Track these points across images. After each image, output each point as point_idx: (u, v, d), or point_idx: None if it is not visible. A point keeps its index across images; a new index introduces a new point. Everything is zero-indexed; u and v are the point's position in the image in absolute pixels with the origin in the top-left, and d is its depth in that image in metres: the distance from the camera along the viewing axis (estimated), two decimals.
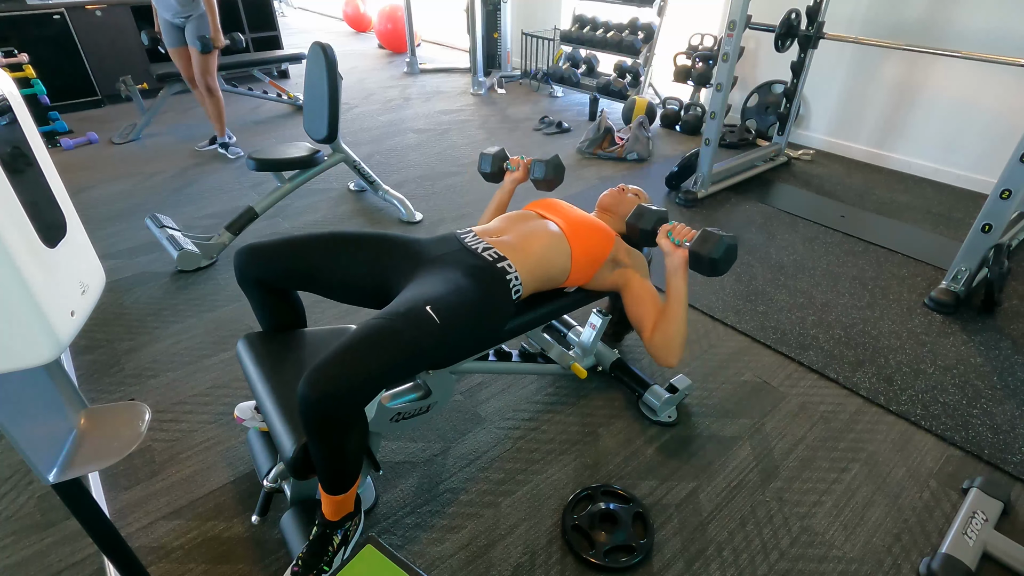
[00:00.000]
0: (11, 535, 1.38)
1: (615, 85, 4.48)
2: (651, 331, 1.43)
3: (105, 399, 1.80)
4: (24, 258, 0.62)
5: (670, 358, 1.42)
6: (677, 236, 1.41)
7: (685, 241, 1.39)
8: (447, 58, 6.40)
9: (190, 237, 2.52)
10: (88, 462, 0.80)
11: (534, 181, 1.79)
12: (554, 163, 1.77)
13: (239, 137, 4.01)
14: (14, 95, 0.68)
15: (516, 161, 1.82)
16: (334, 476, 1.12)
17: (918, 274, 2.49)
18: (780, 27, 3.09)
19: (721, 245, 1.32)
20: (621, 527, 1.39)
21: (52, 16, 4.13)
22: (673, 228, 1.43)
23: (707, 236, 1.34)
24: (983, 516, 1.40)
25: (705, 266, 1.35)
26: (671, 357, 1.42)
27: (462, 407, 1.78)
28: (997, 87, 3.10)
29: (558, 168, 1.78)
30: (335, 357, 1.01)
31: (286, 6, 10.04)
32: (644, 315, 1.47)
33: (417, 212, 2.95)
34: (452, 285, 1.24)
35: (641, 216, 1.53)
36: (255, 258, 1.30)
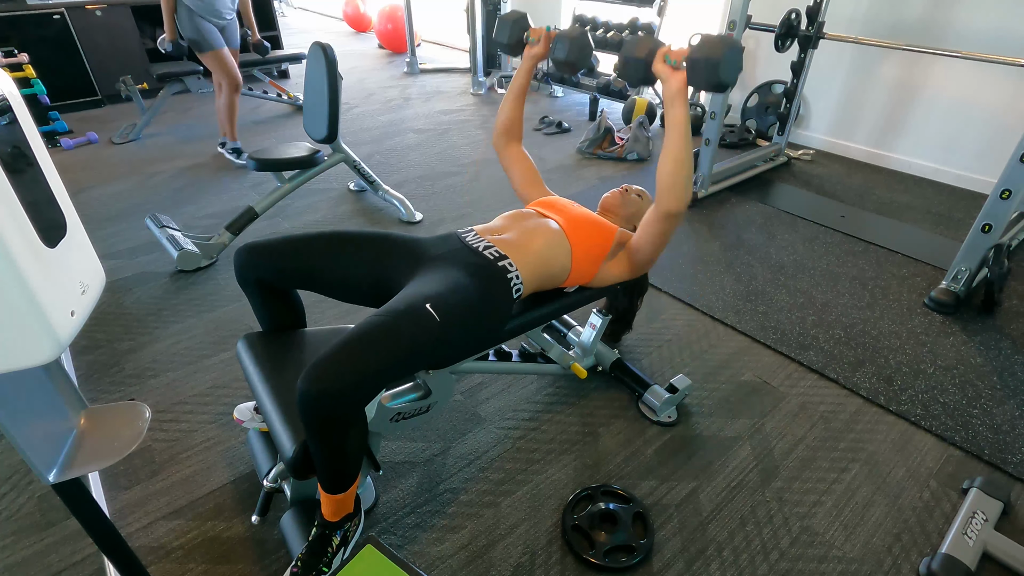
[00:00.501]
0: (11, 535, 1.38)
1: (615, 85, 4.48)
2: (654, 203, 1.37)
3: (105, 399, 1.80)
4: (24, 258, 0.62)
5: (675, 200, 1.32)
6: (674, 57, 1.28)
7: (683, 62, 1.26)
8: (447, 58, 6.40)
9: (190, 237, 2.52)
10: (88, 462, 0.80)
11: (554, 61, 1.54)
12: (580, 42, 1.49)
13: (239, 137, 4.00)
14: (14, 95, 0.68)
15: (538, 32, 1.57)
16: (334, 475, 1.12)
17: (918, 274, 2.49)
18: (780, 27, 3.09)
19: (722, 46, 1.19)
20: (621, 527, 1.39)
21: (52, 16, 4.12)
22: (670, 50, 1.30)
23: (705, 39, 1.22)
24: (983, 516, 1.40)
25: (706, 72, 1.21)
26: (677, 198, 1.32)
27: (462, 407, 1.78)
28: (997, 87, 3.10)
29: (584, 48, 1.50)
30: (334, 354, 1.01)
31: (286, 6, 10.04)
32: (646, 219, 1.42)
33: (417, 212, 2.95)
34: (452, 283, 1.24)
35: (634, 44, 1.35)
36: (255, 257, 1.30)
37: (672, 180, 1.32)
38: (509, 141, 1.71)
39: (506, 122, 1.69)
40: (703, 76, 1.23)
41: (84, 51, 4.34)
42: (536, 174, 1.73)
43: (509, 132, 1.70)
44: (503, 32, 1.61)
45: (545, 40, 1.57)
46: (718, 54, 1.19)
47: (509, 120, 1.69)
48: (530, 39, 1.59)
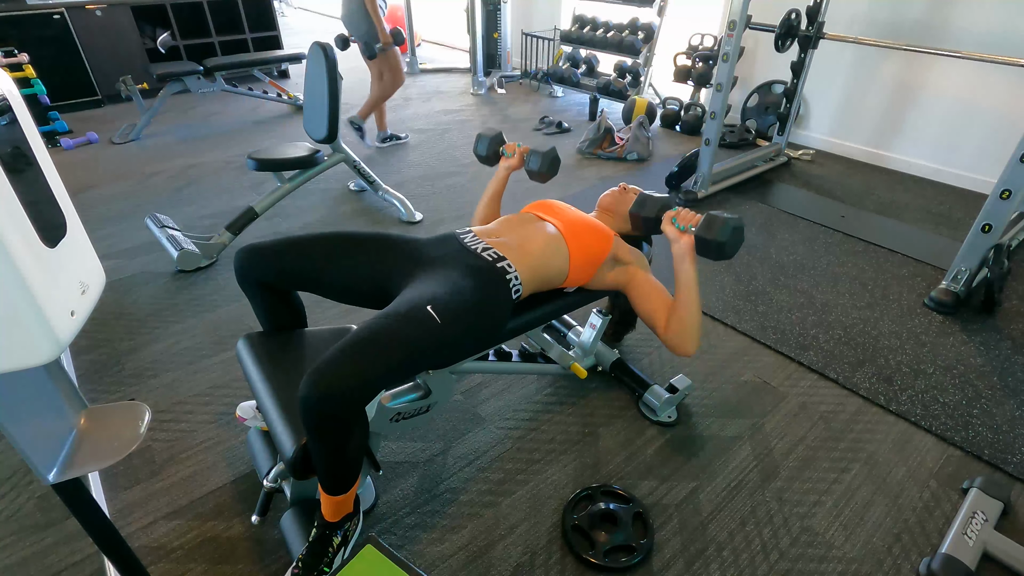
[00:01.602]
0: (11, 535, 1.38)
1: (615, 85, 4.48)
2: (665, 324, 1.41)
3: (105, 399, 1.80)
4: (24, 258, 0.62)
5: (688, 347, 1.39)
6: (682, 222, 1.39)
7: (691, 227, 1.37)
8: (447, 58, 6.39)
9: (190, 237, 2.52)
10: (88, 462, 0.80)
11: (528, 172, 1.75)
12: (550, 156, 1.73)
13: (239, 136, 4.01)
14: (14, 95, 0.68)
15: (512, 147, 1.79)
16: (334, 476, 1.12)
17: (918, 274, 2.49)
18: (780, 27, 3.09)
19: (727, 228, 1.29)
20: (621, 527, 1.39)
21: (52, 16, 4.13)
22: (677, 214, 1.41)
23: (712, 220, 1.32)
24: (983, 516, 1.40)
25: (712, 251, 1.32)
26: (689, 346, 1.39)
27: (462, 407, 1.78)
28: (997, 87, 3.10)
29: (554, 161, 1.74)
30: (336, 357, 1.01)
31: (286, 6, 10.04)
32: (654, 310, 1.45)
33: (417, 212, 2.95)
34: (452, 285, 1.24)
35: (644, 204, 1.50)
36: (255, 258, 1.30)
37: (683, 331, 1.39)
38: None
39: (482, 219, 1.81)
40: (710, 253, 1.34)
41: (84, 51, 4.34)
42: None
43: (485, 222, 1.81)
44: (482, 146, 1.80)
45: (519, 154, 1.78)
46: (723, 237, 1.29)
47: (485, 219, 1.81)
48: (505, 153, 1.80)
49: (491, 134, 1.81)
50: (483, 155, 1.82)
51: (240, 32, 5.16)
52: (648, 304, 1.47)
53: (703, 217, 1.36)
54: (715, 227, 1.31)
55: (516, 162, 1.78)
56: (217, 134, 4.08)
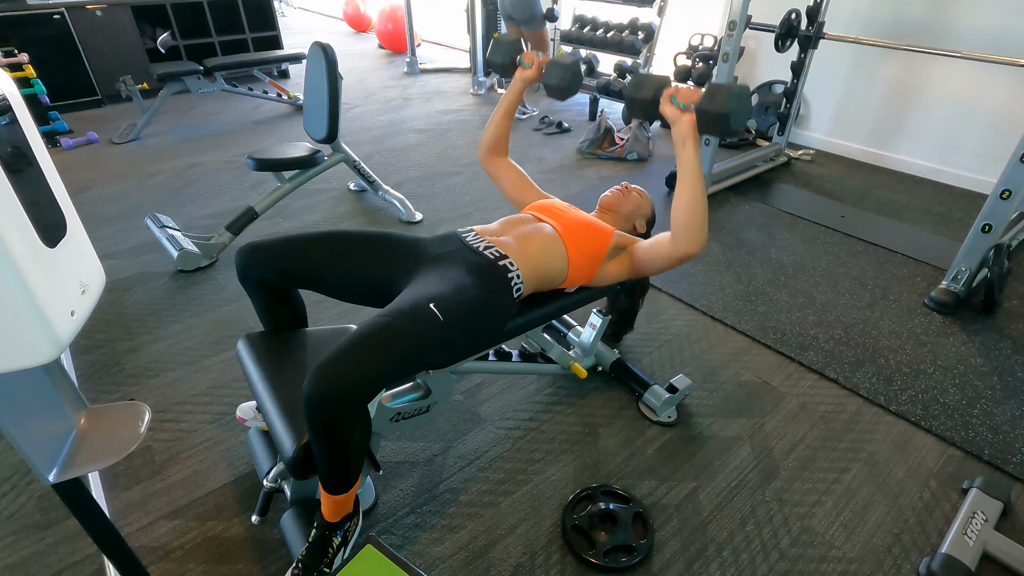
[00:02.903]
0: (11, 535, 1.38)
1: (615, 85, 4.47)
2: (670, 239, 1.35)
3: (105, 399, 1.80)
4: (24, 258, 0.62)
5: (692, 241, 1.31)
6: (682, 99, 1.27)
7: (691, 103, 1.26)
8: (447, 58, 6.39)
9: (190, 237, 2.52)
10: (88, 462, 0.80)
11: (546, 87, 1.58)
12: (572, 69, 1.53)
13: (239, 136, 4.01)
14: (14, 95, 0.68)
15: (531, 57, 1.61)
16: (335, 475, 1.12)
17: (918, 274, 2.49)
18: (780, 27, 3.09)
19: (732, 96, 1.18)
20: (621, 527, 1.39)
21: (52, 16, 4.12)
22: (676, 91, 1.29)
23: (714, 90, 1.21)
24: (983, 516, 1.40)
25: (717, 124, 1.21)
26: (694, 240, 1.31)
27: (462, 407, 1.78)
28: (997, 87, 3.10)
29: (575, 76, 1.54)
30: (339, 355, 1.01)
31: (286, 6, 10.04)
32: (659, 244, 1.41)
33: (417, 212, 2.95)
34: (454, 283, 1.24)
35: (640, 84, 1.34)
36: (256, 257, 1.30)
37: (688, 222, 1.30)
38: (495, 156, 1.73)
39: (492, 139, 1.70)
40: (714, 127, 1.23)
41: (84, 51, 4.34)
42: (527, 179, 1.74)
43: (495, 148, 1.72)
44: (497, 53, 1.65)
45: (537, 65, 1.60)
46: (728, 106, 1.18)
47: (495, 138, 1.70)
48: (523, 62, 1.62)
49: (508, 39, 1.64)
50: (498, 63, 1.66)
51: (240, 32, 5.15)
52: (653, 248, 1.43)
53: (704, 89, 1.24)
54: (719, 97, 1.19)
55: (533, 73, 1.61)
56: (217, 134, 4.08)
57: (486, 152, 1.73)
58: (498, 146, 1.72)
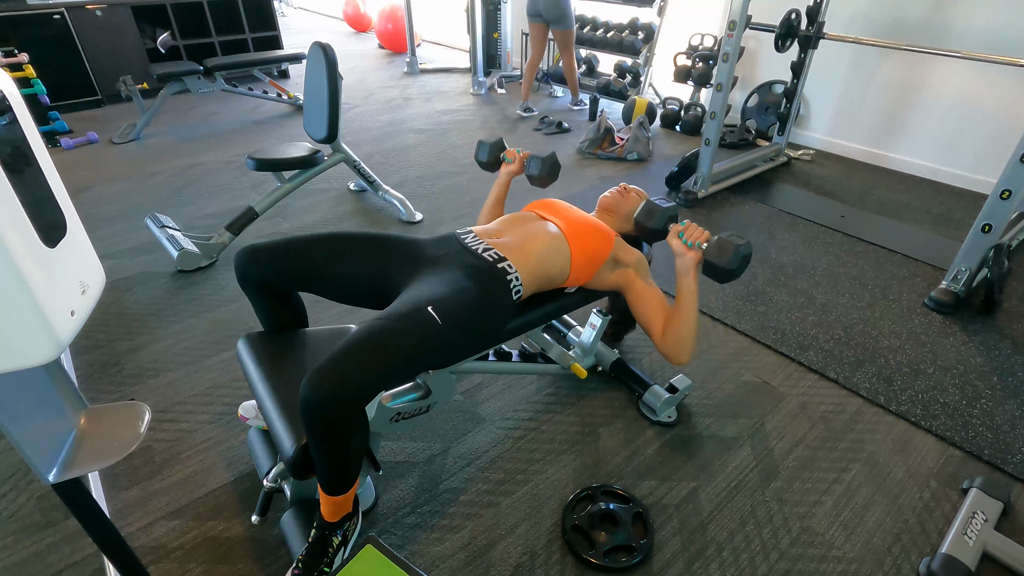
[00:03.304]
0: (11, 535, 1.38)
1: (615, 85, 4.48)
2: (661, 332, 1.44)
3: (105, 399, 1.80)
4: (24, 258, 0.62)
5: (682, 357, 1.43)
6: (690, 239, 1.39)
7: (699, 243, 1.37)
8: (447, 58, 6.40)
9: (190, 237, 2.52)
10: (88, 462, 0.80)
11: (528, 177, 1.78)
12: (550, 161, 1.75)
13: (239, 136, 4.01)
14: (14, 95, 0.68)
15: (512, 153, 1.81)
16: (334, 477, 1.12)
17: (918, 274, 2.49)
18: (780, 27, 3.09)
19: (737, 256, 1.29)
20: (621, 527, 1.39)
21: (52, 16, 4.12)
22: (685, 229, 1.41)
23: (723, 245, 1.31)
24: (983, 516, 1.40)
25: (720, 275, 1.33)
26: (683, 356, 1.43)
27: (462, 407, 1.78)
28: (997, 87, 3.10)
29: (554, 166, 1.77)
30: (338, 358, 1.01)
31: (286, 6, 10.04)
32: (651, 317, 1.47)
33: (417, 212, 2.95)
34: (453, 286, 1.24)
35: (651, 214, 1.49)
36: (256, 259, 1.30)
37: (681, 341, 1.41)
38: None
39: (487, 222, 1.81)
40: (714, 275, 1.34)
41: (84, 51, 4.34)
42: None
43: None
44: (483, 153, 1.83)
45: (519, 160, 1.80)
46: (733, 265, 1.29)
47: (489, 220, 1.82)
48: (506, 159, 1.82)
49: (491, 141, 1.83)
50: (484, 161, 1.84)
51: (240, 32, 5.15)
52: (645, 310, 1.49)
53: (713, 239, 1.35)
54: (726, 253, 1.30)
55: (516, 168, 1.81)
56: (217, 134, 4.08)
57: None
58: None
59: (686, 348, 1.42)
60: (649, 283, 1.51)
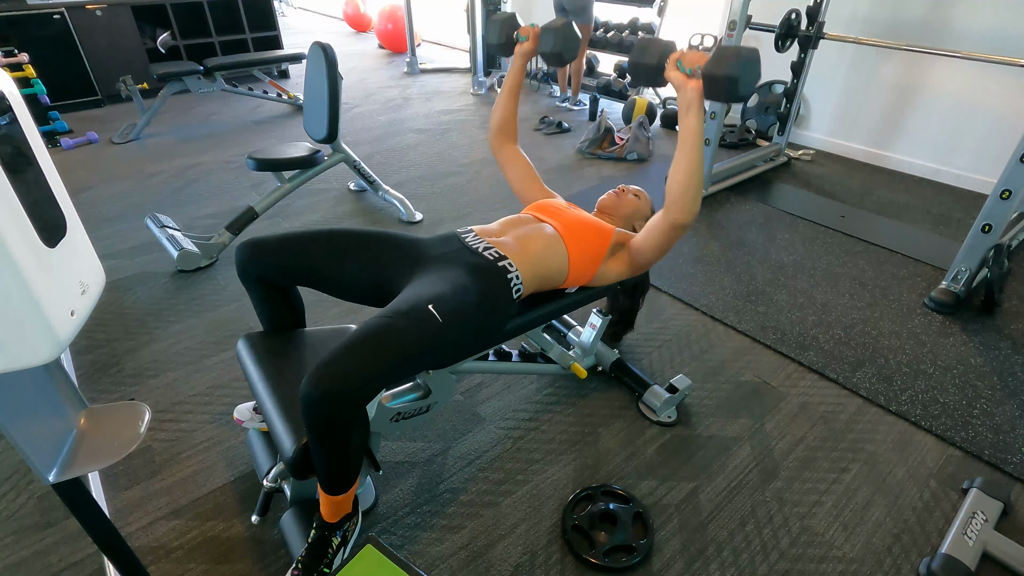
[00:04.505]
0: (11, 535, 1.38)
1: (615, 85, 4.48)
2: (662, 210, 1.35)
3: (105, 399, 1.80)
4: (24, 258, 0.62)
5: (684, 211, 1.29)
6: (688, 64, 1.23)
7: (698, 68, 1.21)
8: (447, 58, 6.39)
9: (190, 237, 2.52)
10: (88, 462, 0.80)
11: (542, 54, 1.58)
12: (564, 32, 1.52)
13: (239, 136, 4.01)
14: (14, 95, 0.68)
15: (527, 30, 1.60)
16: (334, 476, 1.12)
17: (918, 274, 2.49)
18: (780, 27, 3.09)
19: (741, 60, 1.14)
20: (621, 527, 1.39)
21: (52, 16, 4.12)
22: (683, 55, 1.25)
23: (722, 53, 1.17)
24: (983, 516, 1.40)
25: (724, 87, 1.17)
26: (686, 209, 1.29)
27: (462, 407, 1.78)
28: (997, 87, 3.10)
29: (568, 38, 1.53)
30: (338, 356, 1.01)
31: (286, 6, 10.04)
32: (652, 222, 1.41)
33: (417, 212, 2.95)
34: (454, 284, 1.24)
35: (645, 49, 1.31)
36: (257, 254, 1.30)
37: (682, 191, 1.29)
38: (505, 141, 1.71)
39: (501, 121, 1.69)
40: (721, 91, 1.19)
41: (84, 51, 4.33)
42: (533, 172, 1.72)
43: (504, 131, 1.70)
44: (494, 32, 1.64)
45: (533, 36, 1.59)
46: (737, 71, 1.14)
47: (503, 119, 1.68)
48: (520, 37, 1.61)
49: (503, 17, 1.64)
50: (496, 42, 1.65)
51: (240, 32, 5.15)
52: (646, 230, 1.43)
53: (712, 53, 1.21)
54: (726, 60, 1.15)
55: (531, 45, 1.60)
56: (217, 134, 4.08)
57: (495, 134, 1.71)
58: (508, 128, 1.70)
59: (690, 198, 1.28)
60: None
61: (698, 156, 1.26)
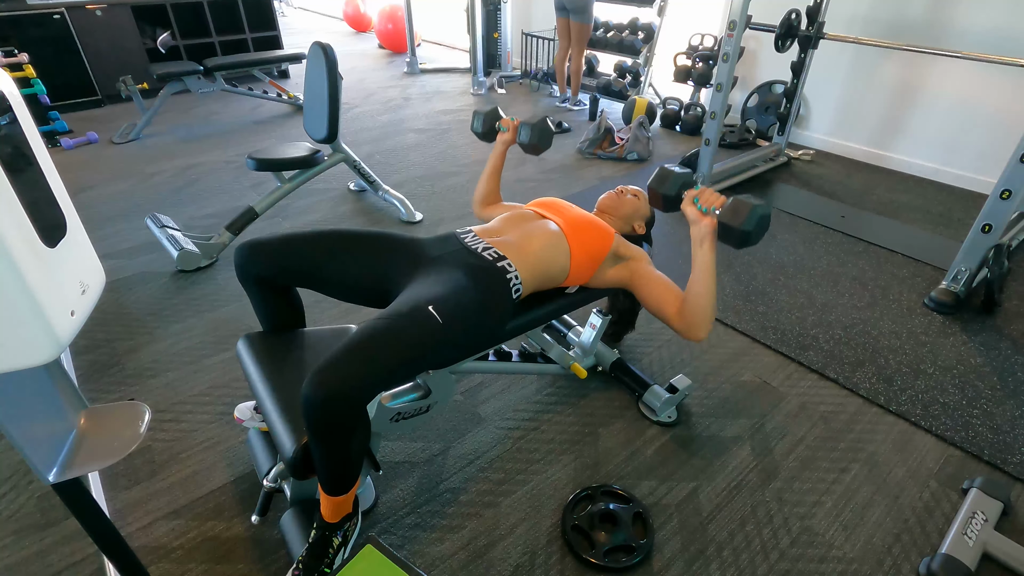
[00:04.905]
0: (11, 535, 1.38)
1: (615, 85, 4.48)
2: (677, 311, 1.37)
3: (105, 399, 1.80)
4: (24, 258, 0.62)
5: (700, 332, 1.34)
6: (705, 204, 1.28)
7: (714, 209, 1.27)
8: (447, 58, 6.39)
9: (190, 237, 2.52)
10: (88, 462, 0.80)
11: (521, 145, 1.77)
12: (540, 127, 1.72)
13: (239, 136, 4.01)
14: (14, 95, 0.68)
15: (507, 122, 1.80)
16: (335, 477, 1.12)
17: (918, 274, 2.49)
18: (780, 27, 3.09)
19: (754, 216, 1.19)
20: (621, 527, 1.39)
21: (52, 16, 4.12)
22: (700, 194, 1.31)
23: (738, 206, 1.22)
24: (983, 516, 1.40)
25: (736, 239, 1.23)
26: (701, 331, 1.34)
27: (462, 407, 1.78)
28: (998, 87, 3.10)
29: (544, 132, 1.73)
30: (339, 357, 1.01)
31: (286, 6, 10.04)
32: (662, 299, 1.41)
33: (417, 212, 2.95)
34: (453, 285, 1.24)
35: (664, 179, 1.38)
36: (256, 254, 1.30)
37: (699, 315, 1.33)
38: (488, 207, 1.84)
39: (484, 196, 1.84)
40: (733, 240, 1.25)
41: (84, 51, 4.34)
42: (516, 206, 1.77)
43: (487, 202, 1.84)
44: (478, 123, 1.84)
45: (512, 128, 1.79)
46: (750, 226, 1.20)
47: (486, 194, 1.84)
48: (501, 128, 1.81)
49: (486, 110, 1.82)
50: (480, 132, 1.84)
51: (240, 32, 5.15)
52: (655, 294, 1.43)
53: (728, 201, 1.25)
54: (741, 214, 1.20)
55: (511, 136, 1.79)
56: (217, 134, 4.08)
57: (479, 207, 1.85)
58: (490, 200, 1.85)
59: (705, 322, 1.33)
60: (653, 270, 1.48)
61: (712, 285, 1.31)
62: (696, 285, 1.32)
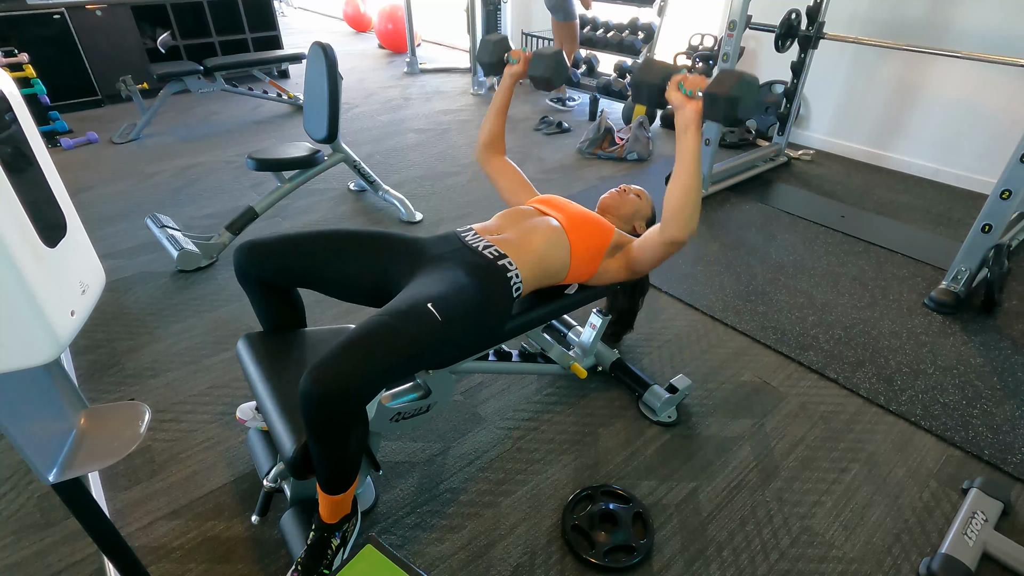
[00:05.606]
0: (11, 535, 1.38)
1: (615, 85, 4.47)
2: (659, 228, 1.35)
3: (105, 399, 1.80)
4: (24, 258, 0.62)
5: (682, 230, 1.29)
6: (690, 86, 1.25)
7: (698, 91, 1.24)
8: (447, 58, 6.39)
9: (190, 237, 2.52)
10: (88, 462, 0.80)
11: (531, 78, 1.63)
12: (555, 59, 1.58)
13: (239, 136, 4.01)
14: (14, 95, 0.68)
15: (517, 53, 1.66)
16: (333, 475, 1.12)
17: (918, 274, 2.49)
18: (780, 27, 3.09)
19: (742, 83, 1.17)
20: (621, 527, 1.39)
21: (52, 16, 4.12)
22: (685, 79, 1.27)
23: (724, 76, 1.19)
24: (983, 516, 1.40)
25: (723, 108, 1.19)
26: (683, 226, 1.29)
27: (462, 407, 1.78)
28: (997, 87, 3.10)
29: (559, 65, 1.58)
30: (337, 354, 1.01)
31: (286, 6, 10.04)
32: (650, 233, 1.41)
33: (417, 212, 2.95)
34: (453, 283, 1.24)
35: (648, 69, 1.32)
36: (255, 255, 1.30)
37: (679, 209, 1.29)
38: (492, 154, 1.74)
39: (489, 136, 1.72)
40: (721, 111, 1.21)
41: (84, 51, 4.33)
42: (523, 179, 1.74)
43: (492, 146, 1.73)
44: (485, 52, 1.69)
45: (524, 60, 1.65)
46: (737, 92, 1.16)
47: (491, 135, 1.72)
48: (511, 59, 1.67)
49: (495, 38, 1.68)
50: (487, 61, 1.69)
51: (240, 32, 5.15)
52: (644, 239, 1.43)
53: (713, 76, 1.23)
54: (728, 82, 1.17)
55: (520, 68, 1.65)
56: (217, 134, 4.08)
57: (483, 149, 1.75)
58: (495, 144, 1.73)
59: (686, 217, 1.28)
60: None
61: (695, 175, 1.27)
62: (680, 176, 1.28)
